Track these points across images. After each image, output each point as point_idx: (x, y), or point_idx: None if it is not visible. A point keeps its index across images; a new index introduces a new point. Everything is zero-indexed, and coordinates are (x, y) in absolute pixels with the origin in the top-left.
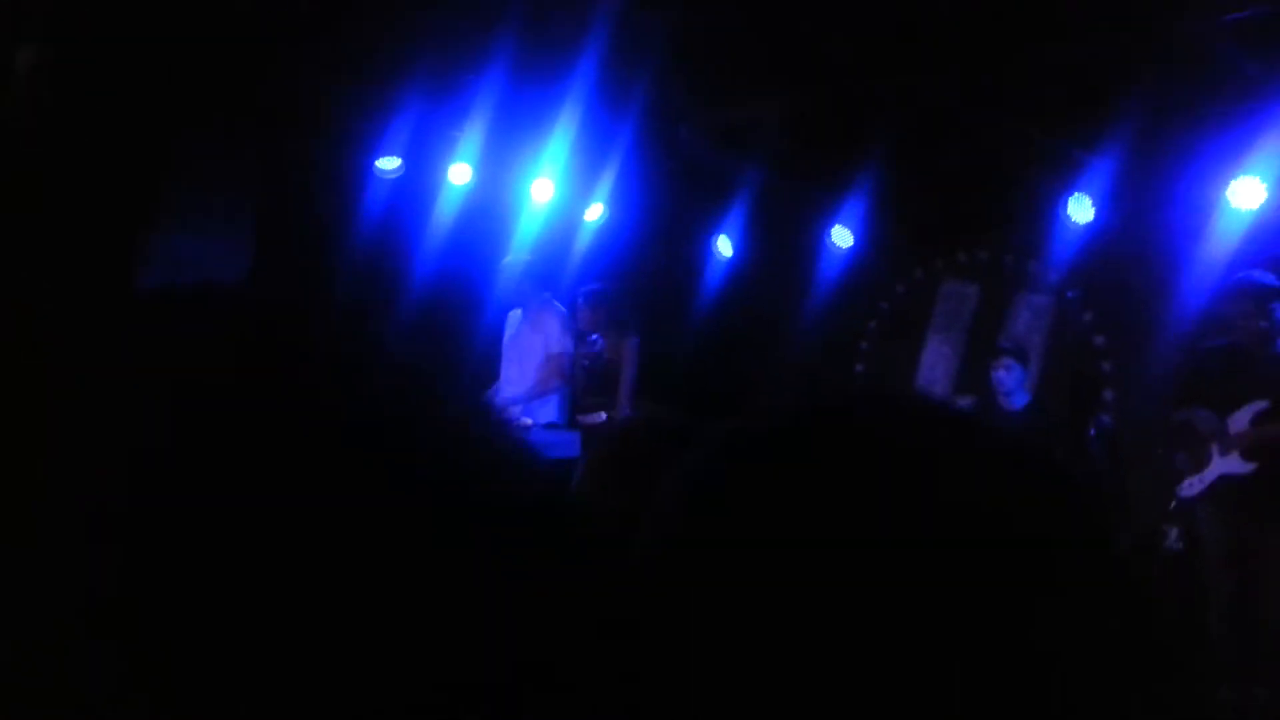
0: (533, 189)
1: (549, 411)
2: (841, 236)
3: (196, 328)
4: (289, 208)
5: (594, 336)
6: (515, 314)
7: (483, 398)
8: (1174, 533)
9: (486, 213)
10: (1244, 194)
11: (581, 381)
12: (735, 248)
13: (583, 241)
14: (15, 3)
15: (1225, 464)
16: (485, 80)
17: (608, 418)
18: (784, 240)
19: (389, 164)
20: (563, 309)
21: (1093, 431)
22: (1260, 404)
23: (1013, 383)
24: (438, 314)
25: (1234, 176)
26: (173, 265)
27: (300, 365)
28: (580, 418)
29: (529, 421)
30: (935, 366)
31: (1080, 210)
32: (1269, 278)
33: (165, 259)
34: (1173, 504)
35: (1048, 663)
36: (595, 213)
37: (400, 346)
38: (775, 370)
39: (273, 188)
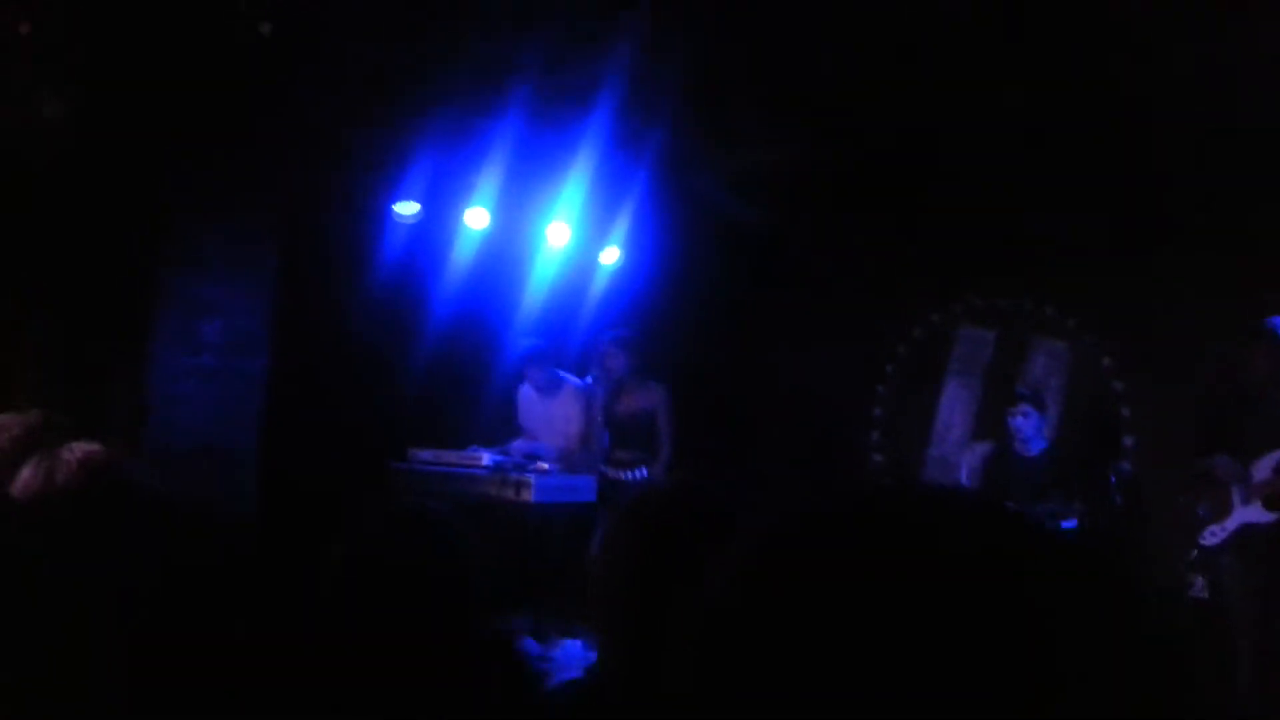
0: (549, 233)
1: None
2: (857, 281)
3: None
4: (310, 249)
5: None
6: (526, 389)
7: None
8: (1199, 582)
9: (503, 257)
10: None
11: (617, 435)
12: (749, 291)
13: (598, 285)
14: (39, 38)
15: (1247, 513)
16: (503, 125)
17: (649, 473)
18: (799, 284)
19: (407, 208)
20: (579, 383)
21: (1113, 478)
22: None
23: (1030, 429)
24: (455, 357)
25: None
26: (192, 306)
27: None
28: (618, 473)
29: (545, 466)
30: (953, 411)
31: (1095, 254)
32: None
33: (184, 300)
34: (1194, 552)
35: None
36: (611, 257)
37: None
38: (791, 415)
39: (294, 229)
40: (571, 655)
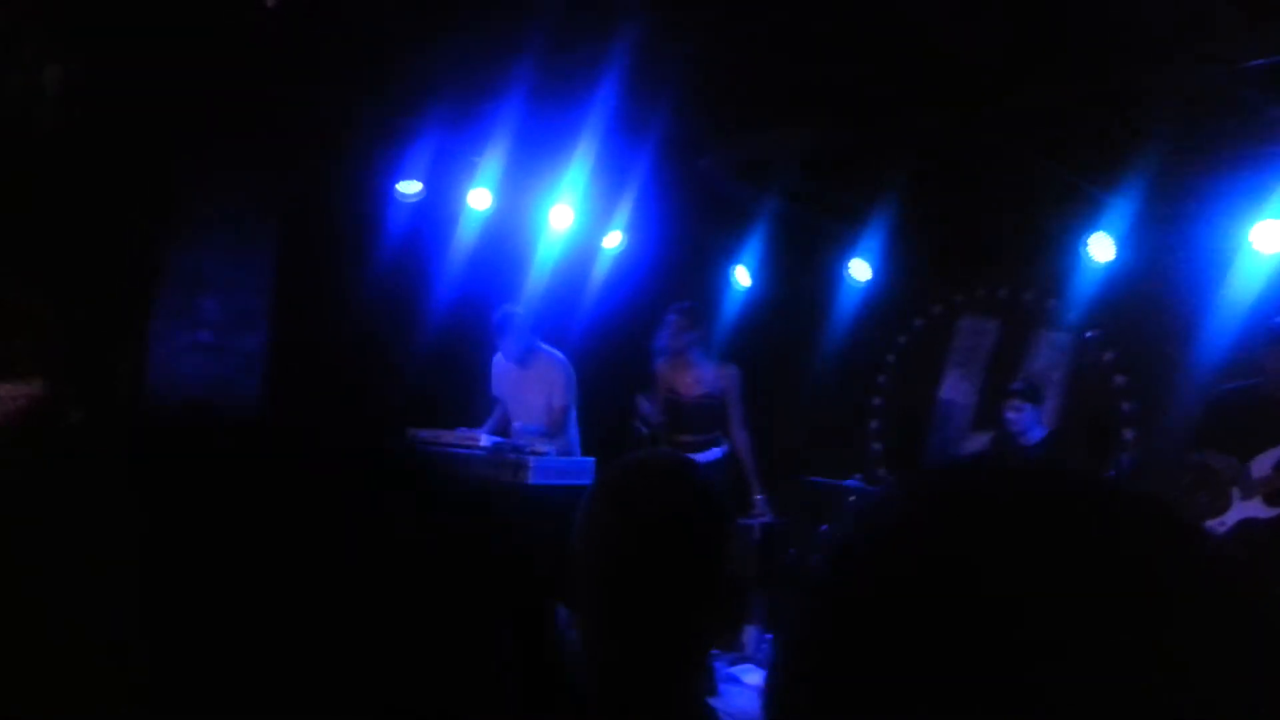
0: (552, 215)
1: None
2: (860, 269)
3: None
4: (311, 227)
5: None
6: (500, 358)
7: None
8: None
9: (506, 238)
10: (1266, 237)
11: (679, 417)
12: (753, 278)
13: (600, 269)
14: (45, 17)
15: (1247, 508)
16: (506, 106)
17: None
18: (802, 272)
19: (410, 187)
20: (562, 358)
21: (1112, 472)
22: None
23: (1024, 423)
24: (456, 337)
25: (1256, 219)
26: (192, 282)
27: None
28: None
29: (544, 450)
30: (953, 401)
31: (1101, 249)
32: None
33: (185, 275)
34: None
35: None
36: (614, 240)
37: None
38: (791, 403)
39: (295, 207)
40: None
